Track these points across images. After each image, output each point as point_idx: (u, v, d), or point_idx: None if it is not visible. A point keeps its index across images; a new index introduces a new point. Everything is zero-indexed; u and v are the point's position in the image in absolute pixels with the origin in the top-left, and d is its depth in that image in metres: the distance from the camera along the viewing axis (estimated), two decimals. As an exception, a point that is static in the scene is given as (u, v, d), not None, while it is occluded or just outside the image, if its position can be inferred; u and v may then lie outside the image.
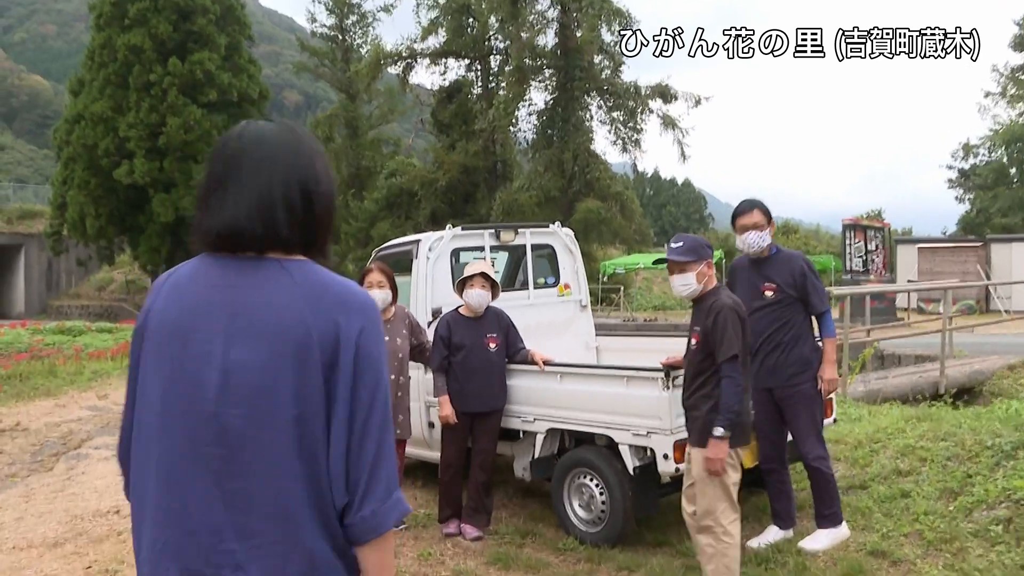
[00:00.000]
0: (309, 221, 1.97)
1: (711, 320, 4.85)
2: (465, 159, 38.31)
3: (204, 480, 1.86)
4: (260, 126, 2.02)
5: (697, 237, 5.23)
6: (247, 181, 1.93)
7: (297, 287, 1.90)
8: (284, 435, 1.84)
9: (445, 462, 6.57)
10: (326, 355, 1.86)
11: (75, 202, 39.09)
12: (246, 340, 1.87)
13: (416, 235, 7.74)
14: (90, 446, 11.15)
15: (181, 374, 1.90)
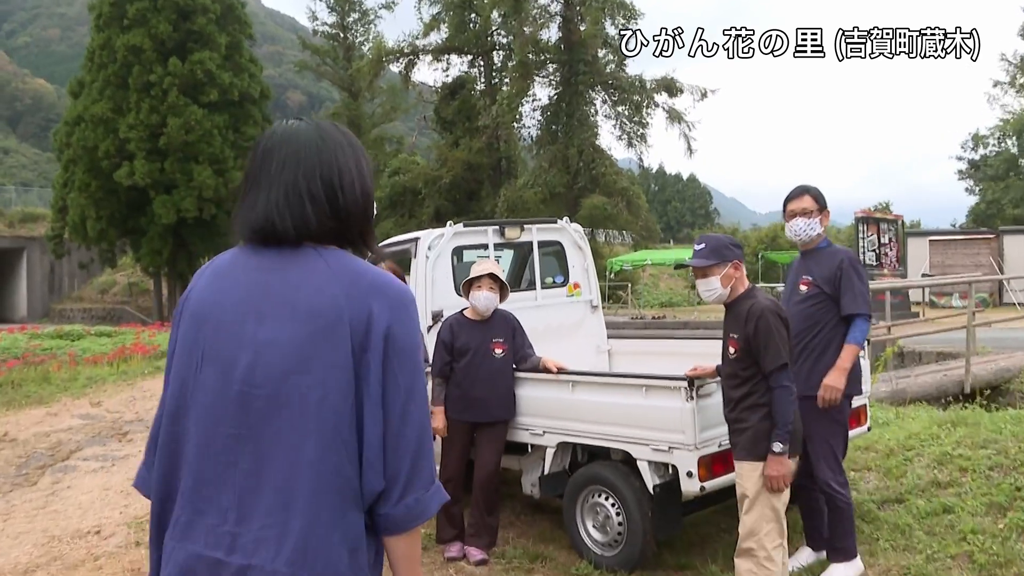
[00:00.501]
0: (337, 213, 2.00)
1: (752, 327, 4.50)
2: (469, 156, 37.98)
3: (221, 461, 1.88)
4: (291, 125, 2.08)
5: (721, 237, 4.87)
6: (275, 177, 1.99)
7: (332, 272, 1.93)
8: (304, 417, 1.85)
9: (445, 476, 6.06)
10: (358, 338, 1.87)
11: (76, 204, 38.90)
12: (277, 320, 1.90)
13: (414, 233, 7.23)
14: (79, 457, 10.80)
15: (214, 355, 1.93)
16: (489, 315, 6.18)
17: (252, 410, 1.88)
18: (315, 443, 1.84)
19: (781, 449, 4.38)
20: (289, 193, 1.98)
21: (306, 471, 1.84)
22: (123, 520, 7.64)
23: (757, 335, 4.46)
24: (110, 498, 8.56)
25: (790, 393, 4.45)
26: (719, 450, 5.11)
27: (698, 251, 4.71)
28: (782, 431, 4.40)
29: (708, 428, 5.08)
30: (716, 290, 4.66)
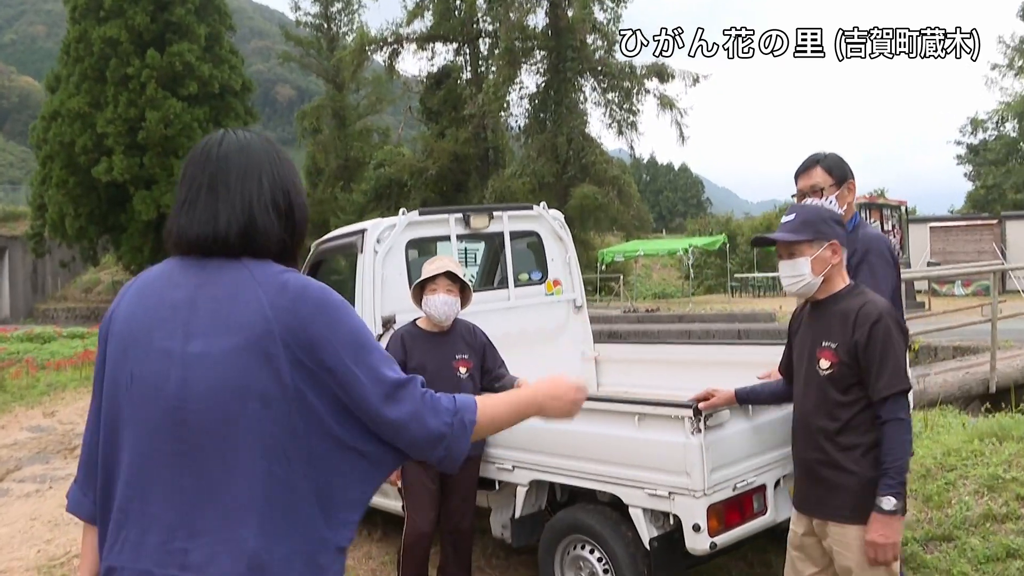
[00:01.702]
0: (290, 228, 2.04)
1: (863, 334, 3.32)
2: (455, 146, 37.04)
3: (163, 477, 1.87)
4: (242, 135, 2.07)
5: (820, 208, 3.60)
6: (234, 187, 1.97)
7: (257, 283, 1.92)
8: (246, 431, 1.84)
9: (412, 531, 4.95)
10: (289, 349, 1.86)
11: (54, 202, 38.43)
12: (206, 334, 1.88)
13: (360, 223, 6.11)
14: (15, 478, 9.93)
15: (144, 373, 1.92)
16: (449, 326, 5.12)
17: (191, 426, 1.86)
18: (260, 455, 1.84)
19: (893, 506, 3.21)
20: (249, 205, 1.97)
21: (254, 484, 1.83)
22: (36, 562, 6.70)
23: (872, 346, 3.30)
24: (35, 530, 7.65)
25: (908, 428, 3.29)
26: (734, 494, 4.05)
27: (786, 223, 3.55)
28: (895, 481, 3.22)
29: (721, 467, 4.02)
30: (804, 277, 3.45)
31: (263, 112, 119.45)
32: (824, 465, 3.42)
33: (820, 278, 3.45)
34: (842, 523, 3.36)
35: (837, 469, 3.37)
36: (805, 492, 3.54)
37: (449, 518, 5.02)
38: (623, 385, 6.64)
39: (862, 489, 3.29)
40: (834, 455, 3.38)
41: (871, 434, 3.32)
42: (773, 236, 3.54)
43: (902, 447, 3.25)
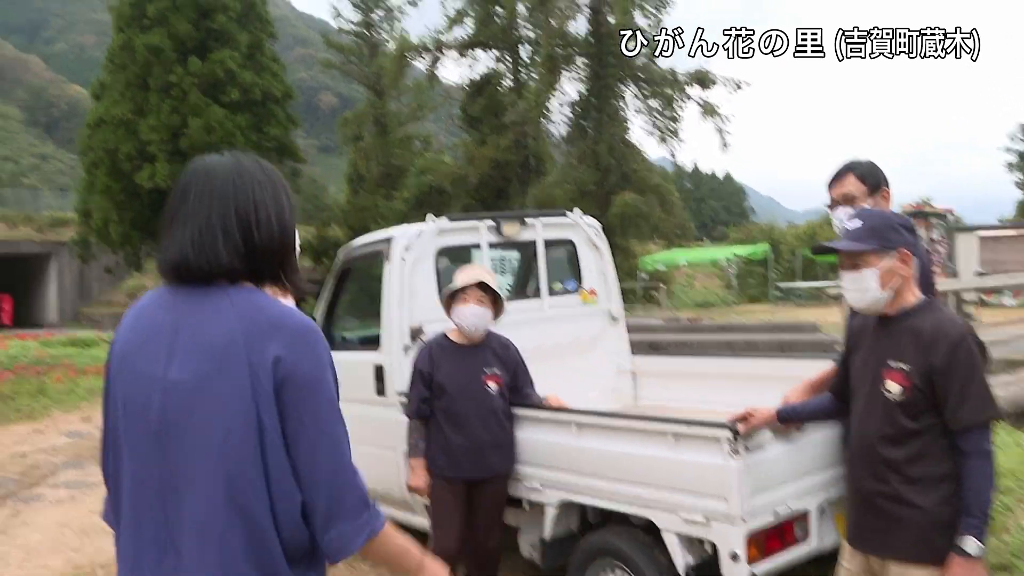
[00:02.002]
0: (251, 249, 2.01)
1: (942, 357, 2.96)
2: (496, 154, 36.91)
3: (153, 501, 1.94)
4: (209, 160, 2.09)
5: (887, 213, 3.26)
6: (191, 213, 2.00)
7: (234, 311, 1.96)
8: (208, 458, 1.89)
9: (436, 550, 4.75)
10: (256, 380, 1.89)
11: (99, 208, 38.56)
12: (184, 359, 1.93)
13: (388, 230, 5.93)
14: (50, 484, 9.90)
15: (134, 395, 1.99)
16: (480, 339, 4.92)
17: (169, 449, 1.92)
18: (223, 481, 1.88)
19: (977, 550, 2.89)
20: (203, 229, 1.98)
21: (218, 508, 1.88)
22: (63, 571, 6.69)
23: (953, 371, 2.94)
24: (64, 538, 7.61)
25: (992, 462, 2.94)
26: (775, 521, 3.82)
27: (850, 231, 3.18)
28: (978, 520, 2.90)
29: (760, 492, 3.78)
30: (871, 292, 3.10)
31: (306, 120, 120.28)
32: (887, 498, 3.08)
33: (889, 292, 3.11)
34: (905, 563, 3.05)
35: (901, 503, 3.04)
36: (862, 525, 3.20)
37: (475, 537, 4.84)
38: (662, 400, 6.39)
39: (929, 526, 2.98)
40: (899, 487, 3.04)
41: (943, 465, 2.99)
42: (835, 245, 3.21)
43: (987, 483, 2.93)
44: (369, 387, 5.61)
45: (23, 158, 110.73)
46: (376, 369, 5.58)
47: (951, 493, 2.97)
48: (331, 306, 6.37)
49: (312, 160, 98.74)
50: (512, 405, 4.89)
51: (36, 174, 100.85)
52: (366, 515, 1.98)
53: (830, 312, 23.32)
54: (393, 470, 5.31)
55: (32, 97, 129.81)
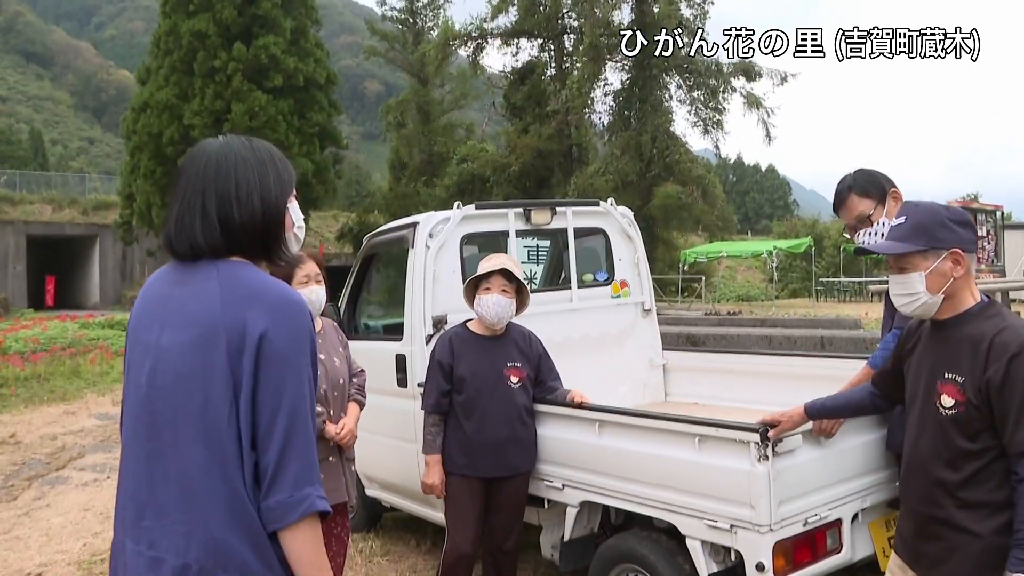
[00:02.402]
0: (228, 226, 2.09)
1: (998, 370, 2.64)
2: (538, 143, 36.59)
3: (139, 460, 2.06)
4: (204, 143, 2.20)
5: (936, 208, 2.88)
6: (178, 193, 2.14)
7: (218, 283, 2.04)
8: (192, 421, 1.99)
9: (452, 549, 4.60)
10: (232, 347, 1.98)
11: (142, 192, 38.76)
12: (172, 329, 2.05)
13: (413, 217, 5.76)
14: (76, 466, 9.91)
15: (132, 362, 2.14)
16: (503, 330, 4.74)
17: (156, 413, 2.03)
18: (203, 445, 1.97)
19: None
20: (184, 209, 2.10)
21: (198, 471, 1.97)
22: (79, 557, 6.54)
23: (1011, 387, 2.62)
24: (86, 522, 7.56)
25: None
26: (805, 530, 3.61)
27: (894, 228, 2.90)
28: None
29: (790, 500, 3.57)
30: (918, 296, 2.80)
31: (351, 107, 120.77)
32: (940, 523, 2.81)
33: (939, 296, 2.79)
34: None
35: (956, 529, 2.77)
36: (917, 550, 2.94)
37: (492, 537, 4.67)
38: (692, 396, 6.19)
39: (985, 555, 2.71)
40: (953, 512, 2.77)
41: (1003, 491, 2.69)
42: (877, 247, 2.97)
43: None
44: (391, 377, 5.45)
45: (71, 142, 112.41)
46: (398, 359, 5.42)
47: (1006, 521, 2.68)
48: (355, 293, 6.21)
49: (356, 147, 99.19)
50: (535, 399, 4.70)
51: (83, 157, 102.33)
52: (308, 491, 1.98)
53: (873, 308, 22.92)
54: (413, 464, 5.16)
55: (82, 82, 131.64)
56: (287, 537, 1.97)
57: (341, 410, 4.31)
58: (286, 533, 1.97)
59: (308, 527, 1.99)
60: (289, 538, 1.98)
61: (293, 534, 1.98)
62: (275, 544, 1.99)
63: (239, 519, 1.96)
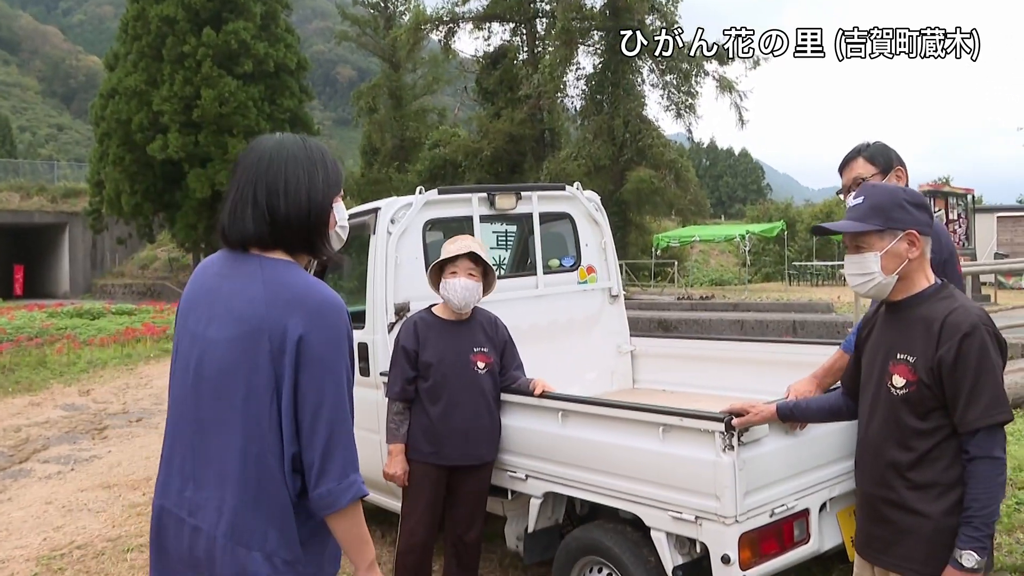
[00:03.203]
0: (275, 220, 2.26)
1: (951, 349, 2.65)
2: (511, 127, 36.43)
3: (185, 438, 2.30)
4: (259, 138, 2.39)
5: (894, 189, 2.90)
6: (232, 186, 2.33)
7: (263, 282, 2.23)
8: (231, 410, 2.21)
9: (407, 543, 4.52)
10: (274, 347, 2.17)
11: (111, 179, 38.57)
12: (219, 322, 2.25)
13: (375, 202, 5.63)
14: (40, 458, 9.74)
15: (183, 349, 2.35)
16: (468, 315, 4.64)
17: (201, 398, 2.26)
18: (241, 433, 2.19)
19: (975, 564, 2.60)
20: (237, 200, 2.29)
21: (235, 456, 2.19)
22: (39, 552, 6.40)
23: (962, 366, 2.64)
24: (47, 516, 7.39)
25: (1001, 469, 2.65)
26: (772, 521, 3.54)
27: (852, 207, 2.88)
28: (980, 532, 2.61)
29: (756, 490, 3.50)
30: (873, 276, 2.79)
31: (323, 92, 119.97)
32: (892, 505, 2.80)
33: (894, 277, 2.79)
34: (893, 572, 2.80)
35: (907, 511, 2.76)
36: (869, 534, 2.91)
37: (454, 528, 4.58)
38: (661, 383, 6.12)
39: (937, 537, 2.69)
40: (905, 494, 2.76)
41: (953, 471, 2.69)
42: (832, 226, 2.93)
43: (993, 491, 2.63)
44: (353, 366, 5.34)
45: (40, 129, 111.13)
46: (360, 347, 5.31)
47: (957, 502, 2.68)
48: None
49: (329, 133, 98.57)
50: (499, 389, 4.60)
51: (52, 144, 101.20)
52: (353, 477, 2.20)
53: (845, 292, 22.97)
54: (377, 454, 5.04)
55: (50, 68, 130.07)
56: (337, 520, 2.21)
57: None
58: (336, 516, 2.19)
59: (355, 509, 2.23)
60: (339, 521, 2.21)
61: (343, 517, 2.20)
62: (300, 529, 2.23)
63: (268, 502, 2.19)
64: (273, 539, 2.20)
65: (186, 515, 2.26)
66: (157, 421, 11.36)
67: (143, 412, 12.15)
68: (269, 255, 2.28)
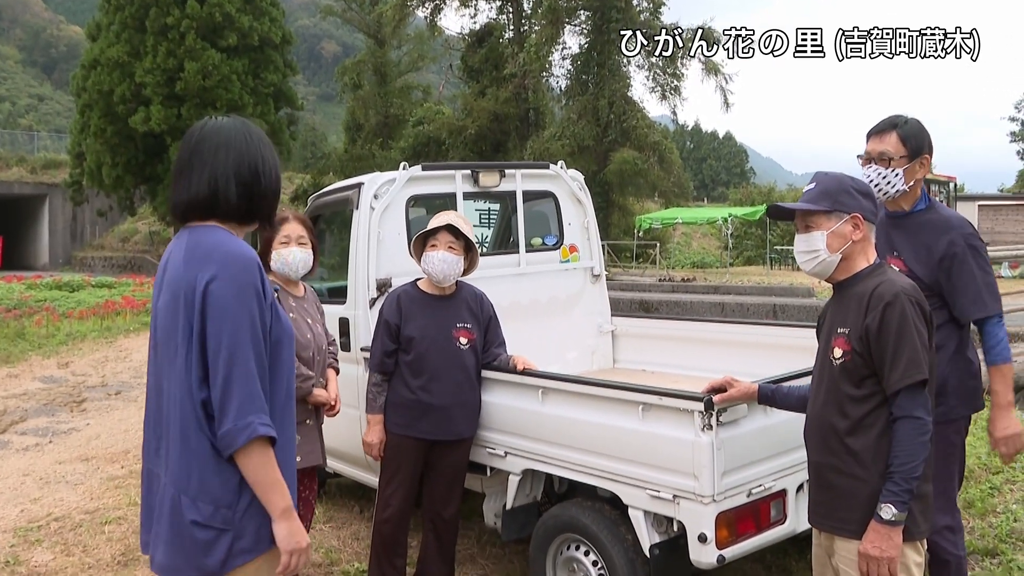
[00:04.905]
0: (256, 193, 2.52)
1: (876, 318, 2.87)
2: (495, 106, 36.41)
3: (152, 400, 2.54)
4: (220, 120, 2.58)
5: (843, 177, 3.12)
6: (206, 162, 2.47)
7: (186, 246, 2.45)
8: (171, 368, 2.41)
9: (383, 508, 4.54)
10: (187, 301, 2.37)
11: (92, 151, 38.08)
12: (163, 290, 2.48)
13: (358, 177, 5.60)
14: (18, 430, 9.67)
15: (151, 321, 2.57)
16: (450, 287, 4.63)
17: (157, 361, 2.51)
18: (176, 386, 2.40)
19: (892, 516, 2.76)
20: (216, 174, 2.46)
21: (177, 412, 2.39)
22: (16, 524, 6.36)
23: (884, 332, 2.84)
24: (25, 488, 7.35)
25: (921, 430, 2.79)
26: (749, 501, 3.56)
27: (806, 192, 3.13)
28: (900, 488, 2.76)
29: (734, 470, 3.51)
30: (818, 254, 3.03)
31: (307, 67, 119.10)
32: (831, 470, 2.96)
33: (837, 256, 3.03)
34: (848, 538, 2.90)
35: (844, 475, 2.91)
36: (815, 500, 3.07)
37: (432, 504, 4.58)
38: (641, 363, 6.14)
39: (872, 500, 2.82)
40: (843, 458, 2.92)
41: (888, 437, 2.85)
42: (786, 205, 3.14)
43: (914, 449, 2.78)
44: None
45: (20, 99, 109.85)
46: (341, 323, 5.30)
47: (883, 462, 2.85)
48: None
49: (313, 108, 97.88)
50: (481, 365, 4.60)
51: (33, 115, 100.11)
52: (251, 419, 2.31)
53: (826, 277, 23.05)
54: (357, 429, 5.05)
55: (30, 37, 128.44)
56: (240, 461, 2.32)
57: (320, 375, 4.34)
58: (239, 458, 2.32)
59: (257, 450, 2.33)
60: (242, 462, 2.33)
61: (245, 458, 2.32)
62: (223, 474, 2.35)
63: (188, 447, 2.35)
64: (195, 483, 2.34)
65: (163, 473, 2.42)
66: (136, 394, 11.31)
67: (122, 385, 12.10)
68: (197, 224, 2.48)
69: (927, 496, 2.90)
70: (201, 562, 2.35)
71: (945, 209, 3.89)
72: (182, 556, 2.36)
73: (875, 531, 2.77)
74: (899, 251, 3.70)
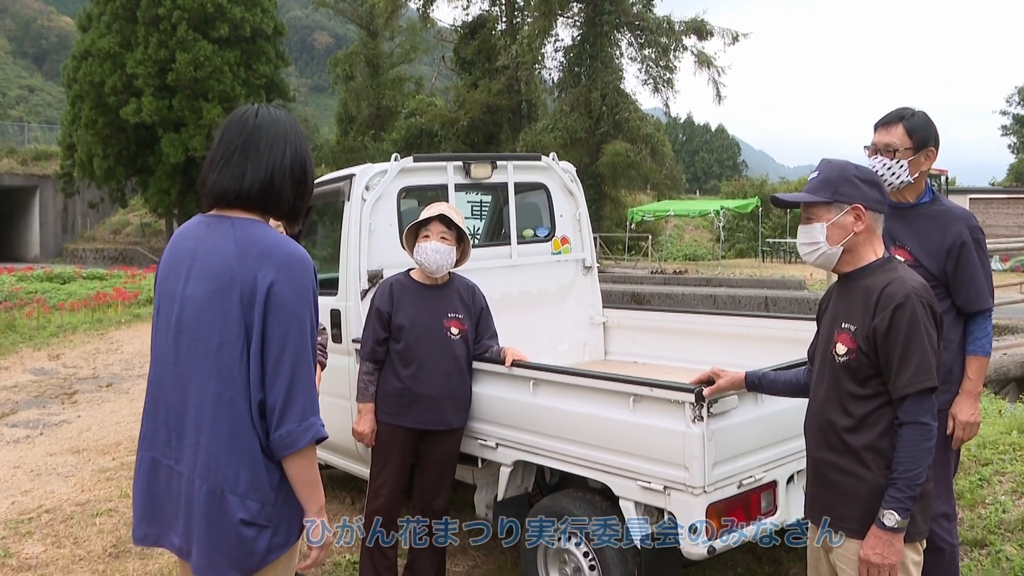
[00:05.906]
0: (303, 192, 2.56)
1: (885, 318, 2.78)
2: (488, 98, 36.37)
3: (168, 390, 2.49)
4: (274, 110, 2.57)
5: (846, 165, 2.99)
6: (263, 153, 2.47)
7: (235, 239, 2.42)
8: (206, 360, 2.40)
9: (374, 497, 4.54)
10: (244, 298, 2.37)
11: (83, 142, 37.95)
12: (195, 280, 2.44)
13: (349, 169, 5.59)
14: (9, 423, 9.71)
15: (162, 306, 2.55)
16: (443, 278, 4.63)
17: (180, 351, 2.45)
18: (215, 380, 2.38)
19: (895, 523, 2.71)
20: (275, 169, 2.47)
21: (209, 402, 2.38)
22: (6, 516, 6.43)
23: (893, 334, 2.76)
24: (15, 480, 7.36)
25: (928, 436, 2.73)
26: (740, 492, 3.57)
27: (809, 180, 3.04)
28: (903, 495, 2.71)
29: (725, 461, 3.52)
30: (818, 246, 2.95)
31: (299, 59, 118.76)
32: (831, 467, 2.91)
33: (838, 248, 2.93)
34: (847, 538, 2.86)
35: (845, 473, 2.86)
36: (813, 496, 3.03)
37: (423, 495, 4.59)
38: (632, 355, 6.15)
39: (871, 499, 2.79)
40: (844, 456, 2.87)
41: (889, 437, 2.80)
42: (786, 197, 3.04)
43: (918, 455, 2.72)
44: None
45: (10, 90, 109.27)
46: (332, 314, 5.29)
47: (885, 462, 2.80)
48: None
49: (305, 100, 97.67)
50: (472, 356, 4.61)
51: (23, 106, 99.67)
52: (312, 420, 2.38)
53: (817, 270, 23.12)
54: (348, 420, 5.04)
55: (21, 28, 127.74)
56: (293, 461, 2.37)
57: None
58: (293, 458, 2.36)
59: (310, 451, 2.41)
60: (295, 461, 2.38)
61: (299, 458, 2.38)
62: (269, 471, 2.39)
63: (239, 445, 2.36)
64: (244, 481, 2.35)
65: (173, 463, 2.44)
66: (128, 386, 11.31)
67: (113, 377, 12.08)
68: (240, 216, 2.47)
69: (928, 495, 2.85)
70: (242, 559, 2.38)
71: (949, 202, 3.93)
72: (222, 555, 2.37)
73: (877, 537, 2.73)
74: (903, 242, 3.71)
